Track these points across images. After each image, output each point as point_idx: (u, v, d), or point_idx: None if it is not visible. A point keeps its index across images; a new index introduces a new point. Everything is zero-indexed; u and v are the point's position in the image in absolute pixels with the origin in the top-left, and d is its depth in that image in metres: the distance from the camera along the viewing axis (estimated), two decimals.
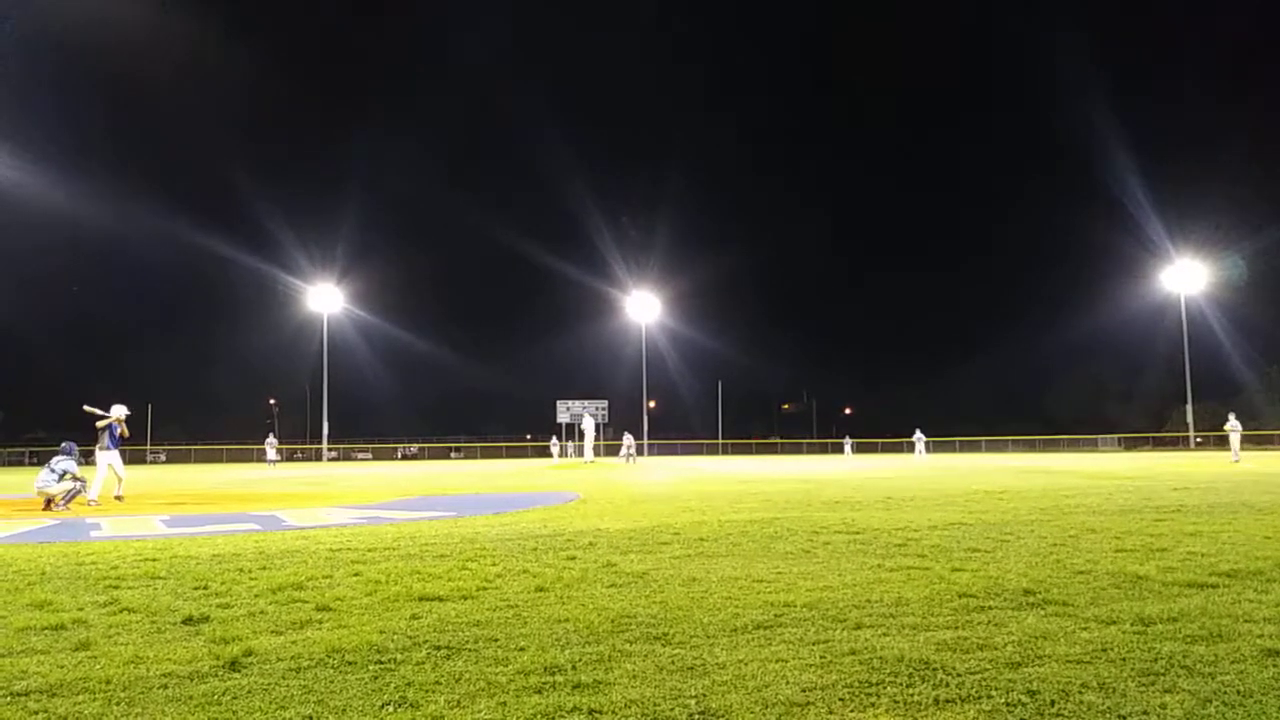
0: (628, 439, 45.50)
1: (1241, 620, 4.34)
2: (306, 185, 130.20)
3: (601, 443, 39.91)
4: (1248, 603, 4.76)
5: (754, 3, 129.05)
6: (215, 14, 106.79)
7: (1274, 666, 3.54)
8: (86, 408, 14.52)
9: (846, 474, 23.92)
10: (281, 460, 48.95)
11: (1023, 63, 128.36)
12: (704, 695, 3.29)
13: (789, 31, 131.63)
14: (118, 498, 14.16)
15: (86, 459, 13.89)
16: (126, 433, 14.57)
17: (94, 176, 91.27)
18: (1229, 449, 30.27)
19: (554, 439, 56.15)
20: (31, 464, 57.27)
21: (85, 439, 14.41)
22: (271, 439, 47.22)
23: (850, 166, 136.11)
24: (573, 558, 6.84)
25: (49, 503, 12.68)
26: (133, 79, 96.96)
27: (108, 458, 14.13)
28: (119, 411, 14.40)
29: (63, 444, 13.59)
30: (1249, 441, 56.56)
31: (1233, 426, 30.26)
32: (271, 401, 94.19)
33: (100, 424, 14.22)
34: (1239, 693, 3.23)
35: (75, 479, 12.85)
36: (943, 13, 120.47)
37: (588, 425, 41.86)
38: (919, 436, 50.50)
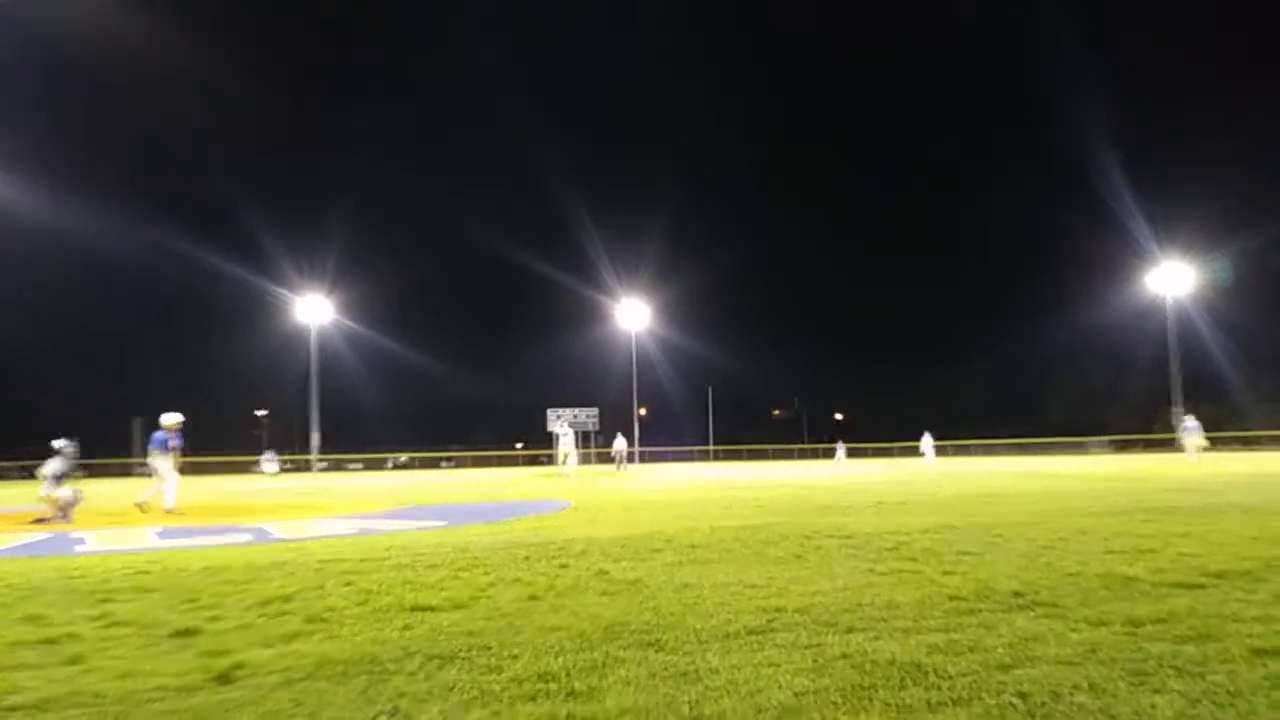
0: (619, 442, 43.06)
1: (1231, 620, 4.36)
2: (296, 195, 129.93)
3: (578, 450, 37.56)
4: (1236, 602, 4.78)
5: (750, 7, 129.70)
6: (206, 23, 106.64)
7: (1263, 666, 3.57)
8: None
9: (837, 479, 23.96)
10: (279, 471, 48.16)
11: (1014, 67, 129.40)
12: (697, 701, 3.30)
13: (783, 36, 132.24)
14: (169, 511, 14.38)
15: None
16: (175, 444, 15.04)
17: (84, 188, 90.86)
18: (1191, 450, 30.92)
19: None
20: (23, 478, 56.78)
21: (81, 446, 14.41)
22: (270, 453, 46.50)
23: (840, 171, 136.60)
24: (565, 566, 6.83)
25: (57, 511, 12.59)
26: (122, 90, 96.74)
27: (165, 464, 14.70)
28: (172, 419, 14.97)
29: (59, 441, 13.42)
30: (1236, 443, 57.03)
31: (1192, 426, 31.53)
32: (261, 413, 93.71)
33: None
34: (1229, 692, 3.25)
35: (72, 489, 12.76)
36: (939, 17, 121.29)
37: (566, 436, 39.00)
38: (926, 440, 48.78)
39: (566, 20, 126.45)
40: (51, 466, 13.01)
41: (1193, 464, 27.88)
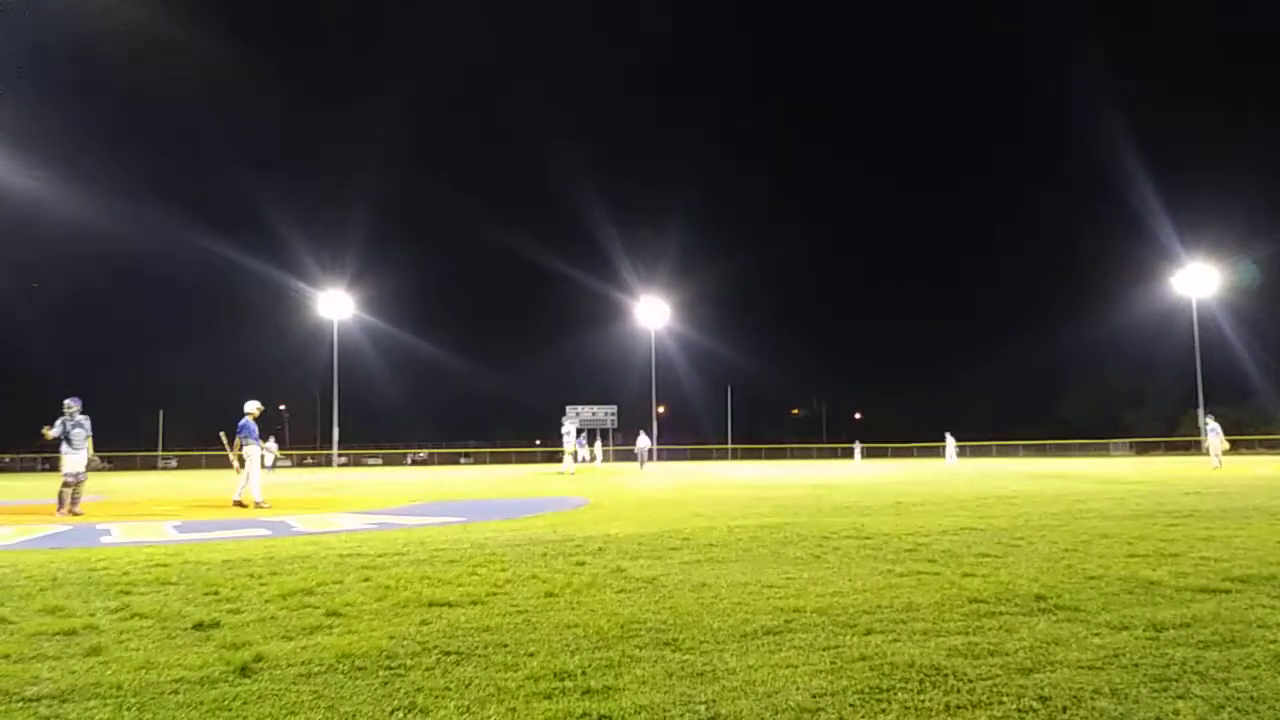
0: (643, 439, 42.61)
1: (1255, 626, 4.31)
2: (318, 191, 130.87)
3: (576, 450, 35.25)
4: (1261, 608, 4.72)
5: (761, 10, 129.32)
6: (225, 17, 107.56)
7: None
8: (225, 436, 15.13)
9: (856, 479, 23.85)
10: (274, 467, 43.85)
11: (1032, 65, 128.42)
12: (714, 701, 3.29)
13: (796, 38, 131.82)
14: (237, 503, 14.48)
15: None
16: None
17: (104, 183, 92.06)
18: (1215, 453, 30.29)
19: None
20: (44, 470, 57.55)
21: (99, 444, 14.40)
22: (271, 443, 39.84)
23: (860, 171, 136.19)
24: (582, 563, 6.84)
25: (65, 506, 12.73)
26: (141, 84, 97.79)
27: (253, 453, 14.78)
28: (252, 407, 15.02)
29: (67, 400, 13.37)
30: (1262, 446, 56.37)
31: (1213, 428, 30.80)
32: (282, 407, 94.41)
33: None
34: (1252, 699, 3.20)
35: (71, 478, 12.83)
36: (950, 16, 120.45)
37: (568, 435, 33.99)
38: (950, 441, 48.50)
39: (584, 22, 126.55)
40: (56, 427, 13.13)
41: (1215, 467, 27.48)
